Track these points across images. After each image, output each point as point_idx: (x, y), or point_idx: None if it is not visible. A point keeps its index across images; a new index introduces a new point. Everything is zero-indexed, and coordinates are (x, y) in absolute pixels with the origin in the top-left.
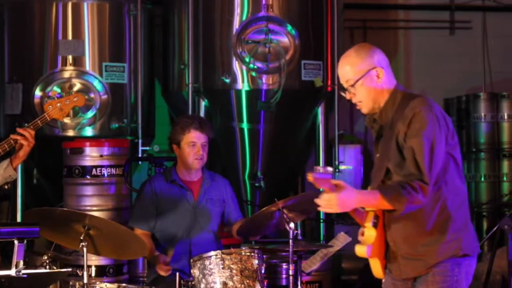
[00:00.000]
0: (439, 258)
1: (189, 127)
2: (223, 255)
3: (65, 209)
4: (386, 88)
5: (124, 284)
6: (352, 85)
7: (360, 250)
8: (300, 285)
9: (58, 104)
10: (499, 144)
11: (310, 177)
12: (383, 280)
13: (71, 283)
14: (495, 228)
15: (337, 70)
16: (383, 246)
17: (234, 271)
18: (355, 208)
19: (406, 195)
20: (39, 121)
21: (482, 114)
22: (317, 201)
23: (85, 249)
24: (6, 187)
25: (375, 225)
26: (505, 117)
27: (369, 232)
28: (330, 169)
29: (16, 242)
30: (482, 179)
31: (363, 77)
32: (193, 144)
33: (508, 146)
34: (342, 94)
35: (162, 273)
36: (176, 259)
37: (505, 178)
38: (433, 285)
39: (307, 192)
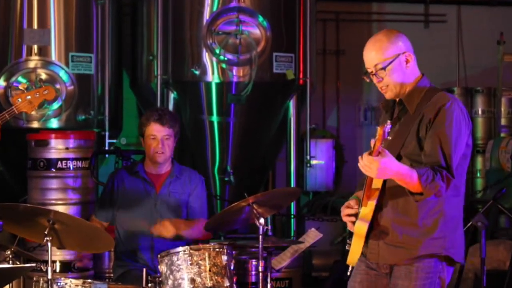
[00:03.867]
0: (422, 252)
1: (150, 120)
2: (191, 251)
3: (28, 205)
4: (413, 74)
5: (89, 280)
6: (383, 69)
7: (361, 227)
8: (270, 282)
9: (28, 97)
10: (472, 140)
11: (381, 130)
12: (354, 267)
13: (35, 278)
14: (468, 225)
15: (364, 54)
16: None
17: (202, 267)
18: (371, 185)
19: (438, 181)
20: (6, 114)
21: None
22: (360, 161)
23: (49, 243)
24: None
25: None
26: (479, 112)
27: (371, 208)
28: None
29: None
30: None
31: (393, 61)
32: (153, 138)
33: (482, 142)
34: (365, 79)
35: None
36: (139, 254)
37: (478, 175)
38: (417, 281)
39: (278, 187)
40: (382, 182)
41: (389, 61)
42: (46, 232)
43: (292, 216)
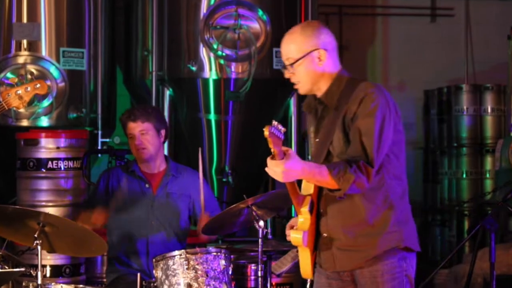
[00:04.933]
0: (381, 249)
1: (123, 121)
2: (187, 255)
3: (17, 206)
4: (328, 71)
5: (81, 285)
6: (291, 64)
7: (296, 237)
8: (270, 287)
9: (19, 92)
10: (482, 139)
11: (266, 131)
12: (312, 281)
13: (24, 283)
14: (476, 228)
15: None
16: (313, 237)
17: (199, 272)
18: (297, 191)
19: (352, 173)
20: None
21: (465, 107)
22: (267, 166)
23: (39, 247)
24: None
25: (310, 211)
26: (489, 110)
27: (306, 216)
28: (284, 129)
29: None
30: (464, 176)
31: (304, 57)
32: (131, 136)
33: (491, 142)
34: (282, 71)
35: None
36: (134, 258)
37: (488, 175)
38: (384, 284)
39: (278, 188)
40: (316, 188)
41: (300, 57)
42: (36, 235)
43: None
